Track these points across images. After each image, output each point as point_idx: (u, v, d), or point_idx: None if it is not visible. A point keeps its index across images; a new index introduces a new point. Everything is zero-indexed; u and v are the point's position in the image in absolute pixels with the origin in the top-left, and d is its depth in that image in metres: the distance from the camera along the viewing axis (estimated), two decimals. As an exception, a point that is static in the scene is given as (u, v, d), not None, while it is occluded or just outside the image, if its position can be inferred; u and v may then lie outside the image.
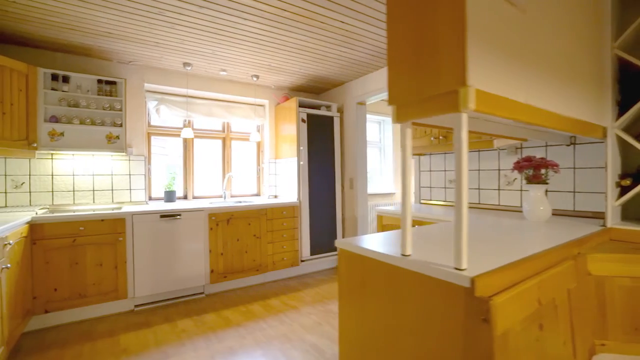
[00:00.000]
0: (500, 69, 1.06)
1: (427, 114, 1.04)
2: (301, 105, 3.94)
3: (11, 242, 2.00)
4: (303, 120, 3.79)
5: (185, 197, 3.84)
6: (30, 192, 2.91)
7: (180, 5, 2.22)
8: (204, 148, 4.04)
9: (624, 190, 1.81)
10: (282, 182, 4.15)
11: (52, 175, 3.01)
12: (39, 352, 2.19)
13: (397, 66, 1.13)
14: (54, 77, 2.84)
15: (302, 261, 3.78)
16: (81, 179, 3.14)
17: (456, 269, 0.97)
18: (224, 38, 2.75)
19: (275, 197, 4.28)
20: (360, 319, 1.30)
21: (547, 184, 1.90)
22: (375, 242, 1.36)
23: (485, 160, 2.66)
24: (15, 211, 2.58)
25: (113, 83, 3.09)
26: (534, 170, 1.91)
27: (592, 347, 1.29)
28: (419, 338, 1.06)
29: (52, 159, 3.01)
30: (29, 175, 2.91)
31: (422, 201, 3.23)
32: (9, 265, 1.93)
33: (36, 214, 2.53)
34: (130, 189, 3.36)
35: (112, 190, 3.28)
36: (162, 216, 2.95)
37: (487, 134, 1.69)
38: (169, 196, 3.56)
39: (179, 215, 3.03)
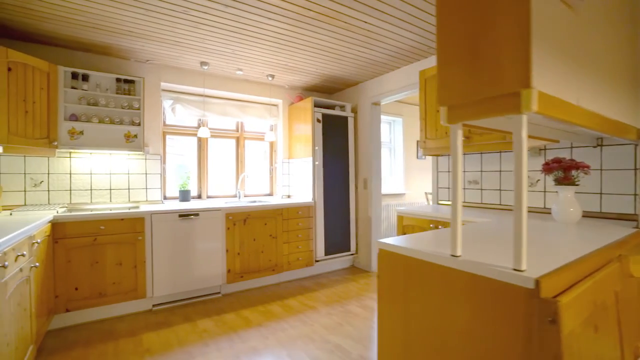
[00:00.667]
0: (556, 70, 1.05)
1: (483, 116, 1.03)
2: (316, 105, 3.93)
3: (38, 240, 1.99)
4: (318, 120, 3.79)
5: (199, 197, 3.84)
6: (48, 190, 2.90)
7: (206, 4, 2.21)
8: (217, 147, 4.03)
9: (655, 193, 1.81)
10: (295, 182, 4.14)
11: (70, 173, 3.00)
12: (63, 351, 2.18)
13: (449, 67, 1.13)
14: (74, 76, 2.84)
15: (317, 261, 3.78)
16: (98, 177, 3.13)
17: (515, 270, 0.97)
18: (245, 37, 2.74)
19: (289, 197, 4.27)
20: (403, 320, 1.29)
21: (577, 185, 1.90)
22: (413, 243, 1.35)
23: (507, 161, 2.66)
24: (36, 210, 2.56)
25: (131, 82, 3.08)
26: (564, 171, 1.91)
27: (636, 349, 1.29)
28: (470, 340, 1.06)
29: (70, 157, 3.00)
30: (48, 173, 2.90)
31: (440, 202, 3.22)
32: (37, 264, 1.92)
33: (57, 212, 2.53)
34: (146, 188, 3.36)
35: (128, 189, 3.27)
36: (180, 215, 2.94)
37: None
38: (184, 195, 3.56)
39: (197, 214, 3.02)
